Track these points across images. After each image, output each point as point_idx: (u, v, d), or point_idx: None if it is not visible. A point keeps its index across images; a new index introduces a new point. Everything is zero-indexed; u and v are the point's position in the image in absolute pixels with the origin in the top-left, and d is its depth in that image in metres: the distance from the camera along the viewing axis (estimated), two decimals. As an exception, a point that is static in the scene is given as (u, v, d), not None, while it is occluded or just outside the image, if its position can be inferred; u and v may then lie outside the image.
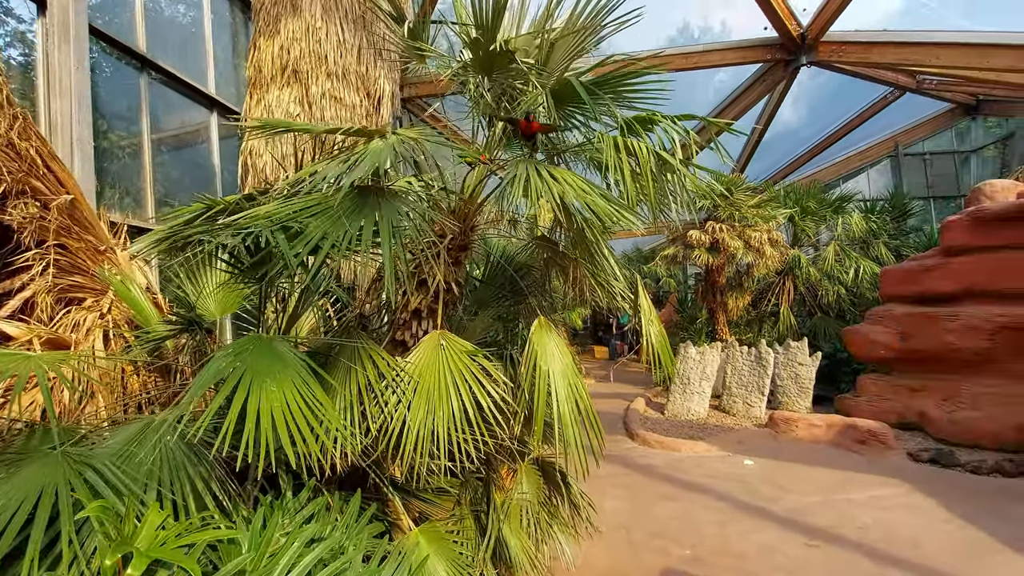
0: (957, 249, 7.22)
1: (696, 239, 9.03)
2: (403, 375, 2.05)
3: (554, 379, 2.13)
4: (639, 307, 2.91)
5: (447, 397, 2.02)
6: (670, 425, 7.82)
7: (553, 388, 2.10)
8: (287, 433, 1.52)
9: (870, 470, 5.95)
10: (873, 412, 7.68)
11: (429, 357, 2.14)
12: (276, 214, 1.80)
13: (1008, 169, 15.25)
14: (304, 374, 1.75)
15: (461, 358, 2.14)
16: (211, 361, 1.53)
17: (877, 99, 15.69)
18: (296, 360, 1.77)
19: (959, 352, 6.95)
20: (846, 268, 9.91)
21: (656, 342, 2.80)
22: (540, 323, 2.36)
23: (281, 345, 1.77)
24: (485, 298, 3.77)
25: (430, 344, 2.20)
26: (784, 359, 8.52)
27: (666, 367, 2.82)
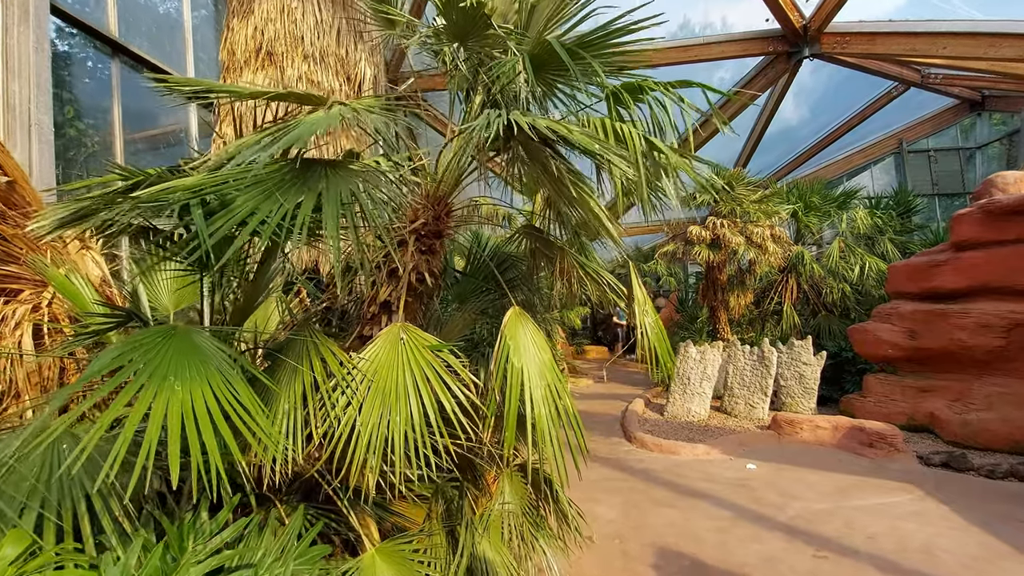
0: (968, 244, 6.93)
1: (696, 235, 8.75)
2: (355, 374, 1.78)
3: (529, 378, 1.86)
4: (633, 297, 2.63)
5: (405, 398, 1.76)
6: (670, 427, 7.54)
7: (527, 388, 1.83)
8: (198, 442, 1.26)
9: (879, 474, 5.66)
10: (880, 413, 7.39)
11: (387, 353, 1.87)
12: (199, 186, 1.53)
13: (1015, 166, 14.92)
14: (230, 373, 1.49)
15: (423, 354, 1.87)
16: (102, 353, 1.27)
17: (881, 94, 15.40)
18: (221, 357, 1.50)
19: (970, 351, 6.66)
20: (851, 265, 9.61)
21: (652, 335, 2.52)
22: (514, 314, 2.09)
23: (201, 338, 1.51)
24: (467, 292, 3.50)
25: (388, 339, 1.94)
26: (788, 359, 8.23)
27: (664, 363, 2.54)
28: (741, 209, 8.75)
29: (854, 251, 9.54)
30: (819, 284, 10.20)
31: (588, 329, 20.23)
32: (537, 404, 1.81)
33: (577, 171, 2.01)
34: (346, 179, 1.80)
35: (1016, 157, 15.43)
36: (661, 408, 8.41)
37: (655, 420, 7.93)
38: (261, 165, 1.68)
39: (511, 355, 1.88)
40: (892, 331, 7.50)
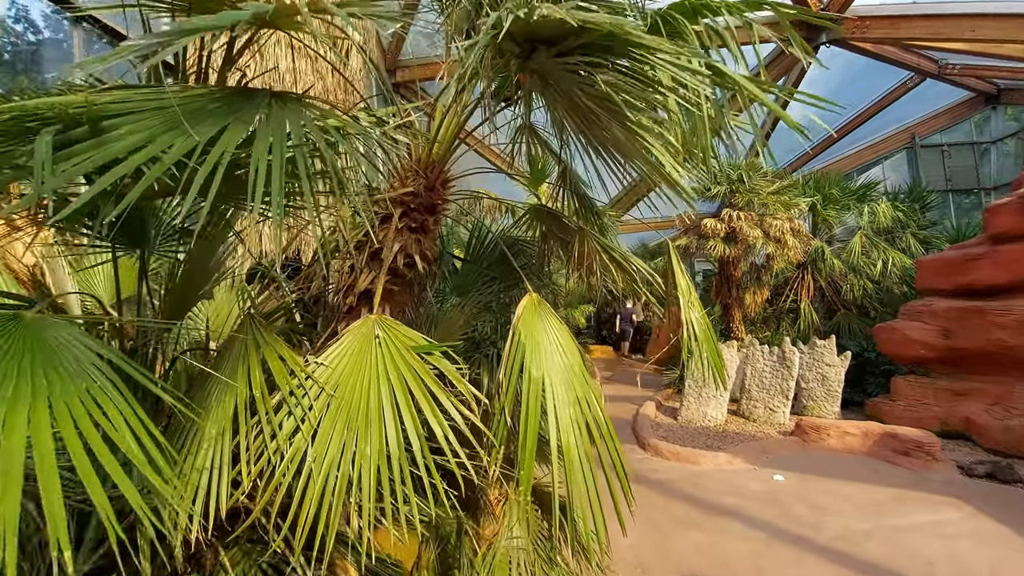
0: (1008, 236, 6.39)
1: (711, 228, 8.22)
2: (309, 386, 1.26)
3: (553, 393, 1.35)
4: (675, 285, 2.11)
5: (379, 420, 1.24)
6: (685, 432, 7.01)
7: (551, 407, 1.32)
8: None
9: (919, 487, 5.13)
10: (911, 418, 6.85)
11: (354, 358, 1.35)
12: (69, 106, 1.01)
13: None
14: (108, 387, 0.97)
15: (406, 358, 1.35)
16: None
17: (895, 86, 14.84)
18: (92, 363, 0.99)
19: (1012, 351, 6.12)
20: (873, 261, 9.07)
21: (700, 332, 2.01)
22: (531, 303, 1.59)
23: (62, 334, 0.99)
24: (468, 283, 2.98)
25: (358, 338, 1.42)
26: (809, 359, 7.70)
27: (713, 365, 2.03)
28: (759, 201, 8.22)
29: (877, 245, 9.00)
30: (838, 281, 9.66)
31: (592, 328, 19.65)
32: (565, 430, 1.30)
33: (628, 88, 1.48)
34: (299, 113, 1.28)
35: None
36: (674, 412, 7.89)
37: (669, 425, 7.40)
38: (174, 93, 1.16)
39: (528, 360, 1.37)
40: (924, 330, 6.96)
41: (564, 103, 1.75)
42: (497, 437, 1.33)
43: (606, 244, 2.37)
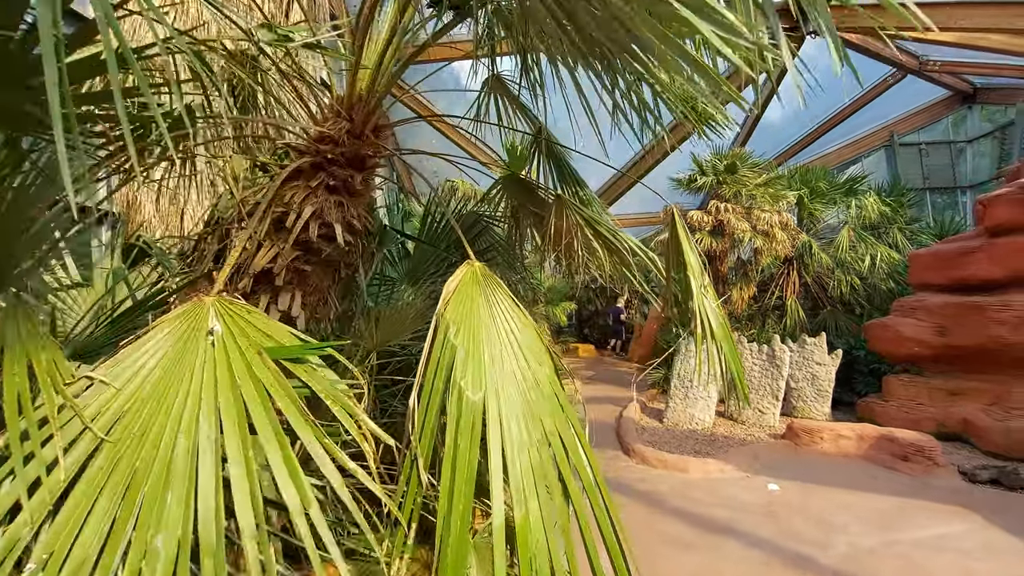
0: (1005, 228, 6.07)
1: (698, 221, 7.79)
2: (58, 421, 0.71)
3: (500, 422, 0.80)
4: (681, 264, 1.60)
5: (186, 483, 0.69)
6: (671, 436, 6.56)
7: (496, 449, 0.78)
8: None
9: (923, 495, 4.74)
10: (906, 420, 6.50)
11: (164, 370, 0.80)
12: None
13: (1007, 161, 14.33)
14: None
15: (255, 371, 0.80)
16: None
17: (876, 83, 14.68)
18: None
19: (1011, 348, 5.80)
20: (860, 256, 8.75)
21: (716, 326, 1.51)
22: (470, 275, 1.06)
23: None
24: (423, 269, 2.43)
25: (176, 335, 0.85)
26: (799, 358, 7.32)
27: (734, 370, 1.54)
28: (747, 192, 7.82)
29: (866, 240, 8.69)
30: (824, 277, 9.34)
31: (574, 326, 19.19)
32: (520, 494, 0.75)
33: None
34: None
35: (1010, 152, 14.84)
36: (659, 414, 7.44)
37: (654, 428, 6.95)
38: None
39: (460, 372, 0.83)
40: (918, 327, 6.62)
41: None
42: (404, 512, 0.79)
43: (589, 216, 1.85)
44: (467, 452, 0.75)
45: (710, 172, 8.02)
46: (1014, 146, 14.49)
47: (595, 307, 17.73)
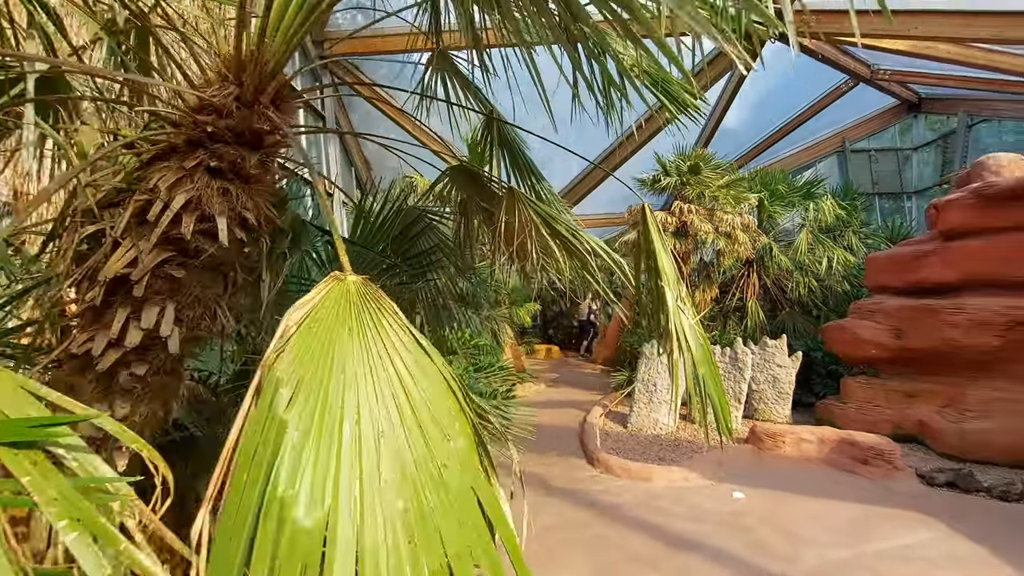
0: (959, 232, 6.15)
1: (662, 222, 7.66)
2: None
3: (366, 567, 0.46)
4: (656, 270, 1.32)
5: None
6: (635, 442, 6.38)
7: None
8: None
9: (886, 501, 4.69)
10: (864, 421, 6.53)
11: None
12: None
13: (949, 168, 14.96)
14: None
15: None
16: None
17: (831, 89, 15.05)
18: None
19: (964, 351, 5.86)
20: (818, 258, 8.84)
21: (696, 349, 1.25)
22: (336, 294, 0.72)
23: None
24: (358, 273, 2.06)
25: None
26: (760, 360, 7.28)
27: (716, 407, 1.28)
28: (709, 194, 7.75)
29: (823, 243, 8.78)
30: (783, 279, 9.41)
31: (539, 327, 18.98)
32: None
33: None
34: None
35: (951, 160, 15.46)
36: (623, 418, 7.26)
37: (618, 434, 6.76)
38: None
39: (287, 472, 0.48)
40: (875, 329, 6.66)
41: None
42: None
43: (546, 213, 1.55)
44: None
45: (674, 172, 7.92)
46: (955, 154, 15.10)
47: (559, 308, 17.57)
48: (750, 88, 17.07)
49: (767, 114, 16.92)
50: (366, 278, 0.78)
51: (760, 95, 17.68)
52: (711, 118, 13.02)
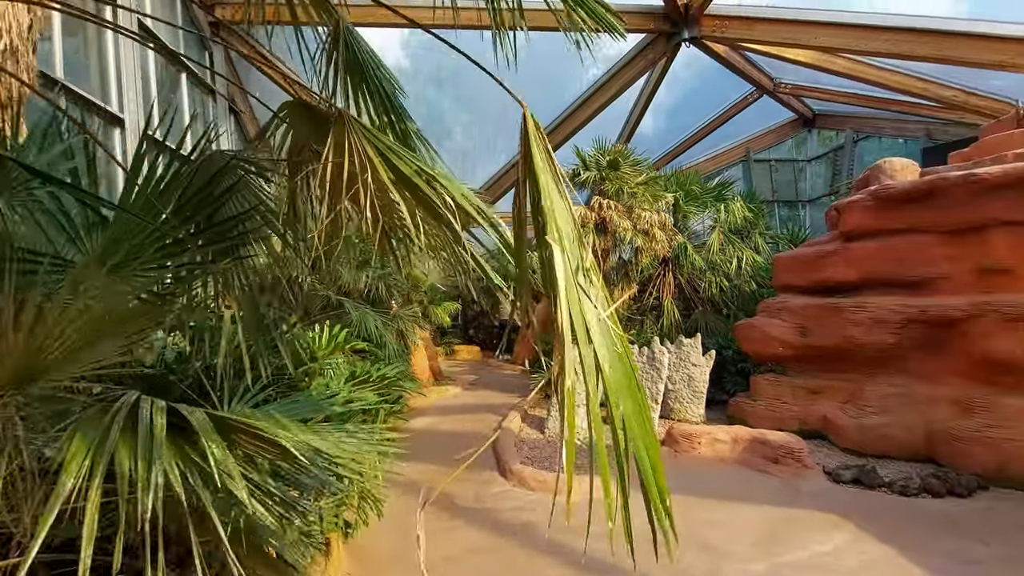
0: (858, 233, 6.30)
1: (582, 217, 7.34)
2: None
3: None
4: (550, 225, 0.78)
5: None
6: (553, 450, 5.96)
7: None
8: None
9: (797, 502, 4.57)
10: (773, 418, 6.55)
11: None
12: None
13: (838, 179, 16.18)
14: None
15: None
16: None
17: (738, 100, 15.72)
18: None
19: (863, 348, 6.00)
20: (729, 258, 8.97)
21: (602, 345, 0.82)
22: None
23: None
24: (129, 249, 1.38)
25: None
26: (676, 360, 7.15)
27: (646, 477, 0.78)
28: (628, 190, 7.54)
29: (733, 243, 8.91)
30: (696, 278, 9.48)
31: (460, 327, 18.30)
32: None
33: None
34: None
35: (840, 172, 16.69)
36: (542, 423, 6.83)
37: (535, 441, 6.31)
38: None
39: None
40: (782, 327, 6.72)
41: None
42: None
43: (388, 148, 0.96)
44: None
45: (593, 167, 7.63)
46: (843, 167, 16.34)
47: (480, 307, 17.03)
48: (665, 95, 17.59)
49: (680, 121, 17.48)
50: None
51: (675, 102, 18.22)
52: (629, 119, 13.10)
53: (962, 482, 4.72)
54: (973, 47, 6.92)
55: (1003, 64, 6.76)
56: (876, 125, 14.83)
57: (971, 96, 9.65)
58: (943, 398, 5.44)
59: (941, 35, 7.11)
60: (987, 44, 6.82)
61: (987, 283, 5.29)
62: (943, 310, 5.45)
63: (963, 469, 4.99)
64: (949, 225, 5.54)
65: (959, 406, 5.29)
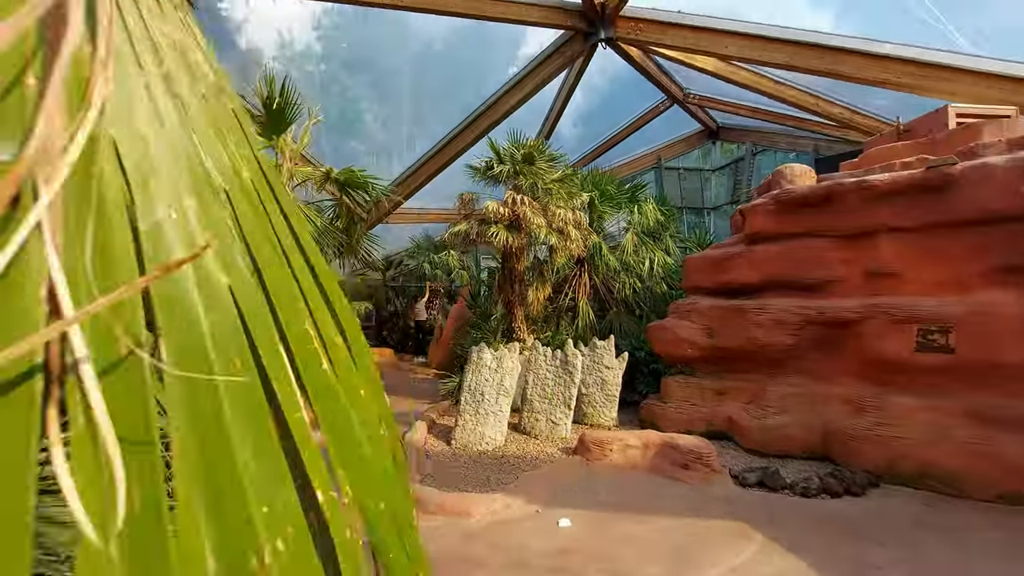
0: (761, 236, 6.37)
1: (494, 212, 6.88)
2: None
3: None
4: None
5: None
6: (459, 464, 5.42)
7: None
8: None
9: (708, 511, 4.38)
10: (682, 420, 6.46)
11: None
12: None
13: (739, 189, 17.10)
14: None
15: None
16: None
17: (649, 108, 16.09)
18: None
19: (765, 349, 6.04)
20: (642, 259, 8.94)
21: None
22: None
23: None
24: None
25: None
26: (590, 362, 6.89)
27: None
28: (543, 186, 7.19)
29: (646, 244, 8.88)
30: (611, 279, 9.38)
31: (373, 328, 17.20)
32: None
33: None
34: None
35: (740, 181, 17.62)
36: (449, 432, 6.27)
37: (441, 453, 5.74)
38: None
39: None
40: (692, 329, 6.66)
41: None
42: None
43: None
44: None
45: (508, 161, 7.21)
46: (743, 178, 17.28)
47: (395, 307, 16.12)
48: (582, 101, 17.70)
49: (596, 127, 17.67)
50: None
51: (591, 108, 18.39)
52: (547, 119, 12.89)
53: (857, 480, 4.79)
54: (862, 64, 7.30)
55: (887, 82, 7.18)
56: (772, 139, 15.78)
57: (855, 114, 10.38)
58: (838, 397, 5.56)
59: (836, 51, 7.44)
60: (874, 62, 7.21)
61: (876, 286, 5.47)
62: (838, 312, 5.57)
63: (857, 466, 5.09)
64: (843, 229, 5.69)
65: (852, 405, 5.42)
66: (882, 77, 7.21)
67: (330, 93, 15.74)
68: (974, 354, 4.71)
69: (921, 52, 6.95)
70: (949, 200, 4.98)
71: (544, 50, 10.16)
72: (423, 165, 12.01)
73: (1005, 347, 4.58)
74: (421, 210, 14.77)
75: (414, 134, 15.54)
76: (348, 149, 16.11)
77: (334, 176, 6.41)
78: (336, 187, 6.51)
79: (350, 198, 6.64)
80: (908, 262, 5.24)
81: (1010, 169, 4.67)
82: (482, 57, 15.07)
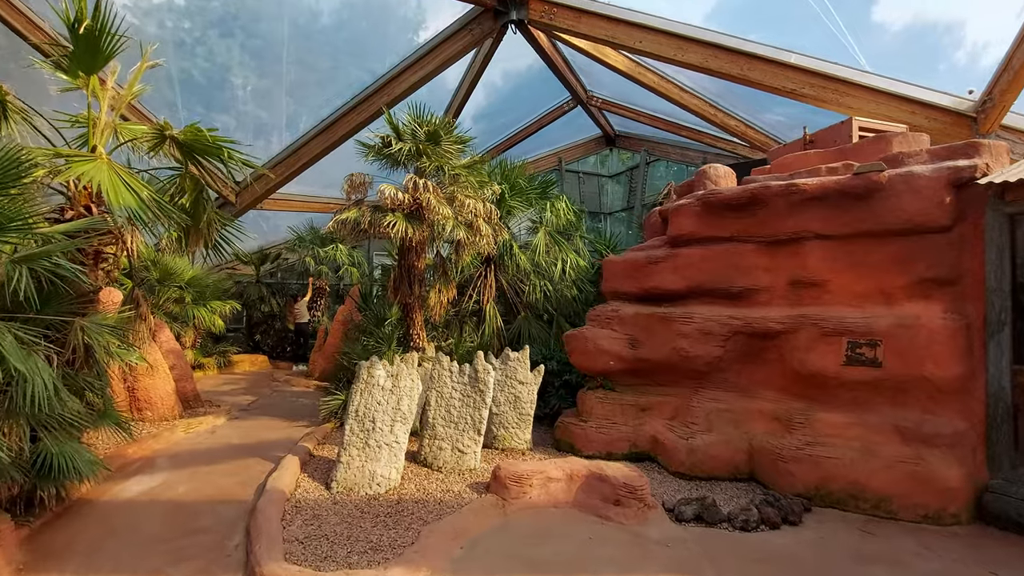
0: (685, 239, 5.85)
1: (391, 198, 5.61)
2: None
3: None
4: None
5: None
6: (340, 517, 4.08)
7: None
8: None
9: (646, 561, 3.59)
10: (603, 441, 5.73)
11: None
12: None
13: (635, 196, 17.35)
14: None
15: None
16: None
17: (554, 108, 15.62)
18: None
19: (691, 361, 5.50)
20: (553, 259, 8.17)
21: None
22: None
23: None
24: None
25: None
26: (501, 377, 5.91)
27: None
28: (450, 171, 6.06)
29: (559, 244, 8.13)
30: (520, 281, 8.50)
31: (243, 331, 14.61)
32: None
33: None
34: None
35: (635, 188, 17.89)
36: (329, 471, 4.89)
37: (316, 502, 4.35)
38: None
39: None
40: (614, 339, 5.96)
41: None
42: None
43: None
44: None
45: (409, 138, 5.97)
46: (638, 186, 17.55)
47: (271, 308, 13.86)
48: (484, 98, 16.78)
49: (499, 123, 16.86)
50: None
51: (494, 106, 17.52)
52: (452, 103, 11.71)
53: (793, 508, 4.33)
54: (772, 72, 7.18)
55: (794, 92, 7.12)
56: (664, 150, 16.12)
57: (748, 129, 10.61)
58: (765, 414, 5.16)
59: (749, 56, 7.25)
60: (783, 71, 7.11)
61: (802, 295, 5.15)
62: (766, 322, 5.17)
63: (787, 488, 4.68)
64: (768, 235, 5.32)
65: (779, 423, 5.03)
66: (790, 86, 7.14)
67: (195, 55, 13.09)
68: (901, 368, 4.49)
69: (825, 65, 6.97)
70: (874, 208, 4.75)
71: (450, 25, 9.00)
72: (306, 144, 10.21)
73: (930, 361, 4.40)
74: (305, 197, 12.78)
75: (298, 113, 13.46)
76: (216, 123, 13.51)
77: (173, 135, 4.71)
78: (180, 151, 4.82)
79: (199, 167, 4.95)
80: (835, 271, 4.96)
81: (935, 178, 4.51)
82: (375, 39, 13.47)
